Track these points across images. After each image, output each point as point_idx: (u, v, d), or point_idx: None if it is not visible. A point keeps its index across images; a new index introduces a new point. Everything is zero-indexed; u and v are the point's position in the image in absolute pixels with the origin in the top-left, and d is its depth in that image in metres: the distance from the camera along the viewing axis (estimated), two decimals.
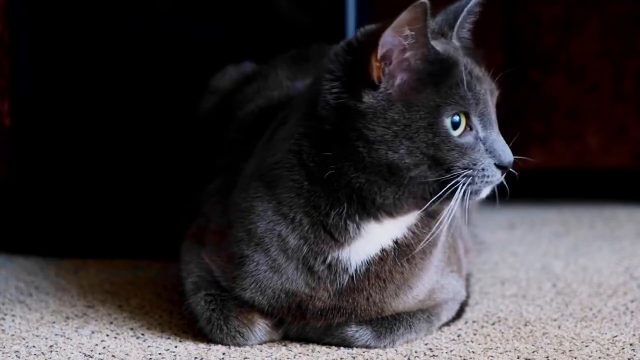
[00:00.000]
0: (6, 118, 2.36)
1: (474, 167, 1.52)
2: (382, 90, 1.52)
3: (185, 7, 2.34)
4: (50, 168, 2.38)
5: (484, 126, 1.55)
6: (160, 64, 2.34)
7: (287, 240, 1.59)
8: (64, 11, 2.33)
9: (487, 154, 1.54)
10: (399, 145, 1.50)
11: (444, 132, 1.51)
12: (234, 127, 1.91)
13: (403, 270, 1.62)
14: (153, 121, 2.35)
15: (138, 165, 2.37)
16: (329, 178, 1.55)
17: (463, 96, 1.52)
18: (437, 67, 1.53)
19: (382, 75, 1.51)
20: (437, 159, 1.51)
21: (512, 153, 1.55)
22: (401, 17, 1.48)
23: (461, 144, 1.52)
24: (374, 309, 1.63)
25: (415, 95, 1.52)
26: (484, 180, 1.53)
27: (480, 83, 1.55)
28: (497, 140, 1.55)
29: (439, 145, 1.50)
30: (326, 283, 1.60)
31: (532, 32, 2.89)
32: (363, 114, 1.52)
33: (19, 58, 2.35)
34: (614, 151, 2.94)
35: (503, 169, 1.55)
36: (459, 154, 1.52)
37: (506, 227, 2.73)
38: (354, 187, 1.54)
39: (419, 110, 1.51)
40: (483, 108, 1.55)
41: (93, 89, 2.35)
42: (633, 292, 2.03)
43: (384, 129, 1.51)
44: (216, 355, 1.63)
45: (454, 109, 1.51)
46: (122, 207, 2.38)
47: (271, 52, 2.15)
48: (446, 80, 1.52)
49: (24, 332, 1.77)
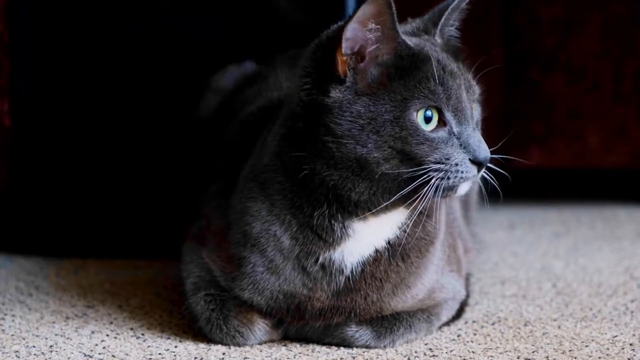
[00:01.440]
0: (6, 118, 2.36)
1: (447, 161, 1.51)
2: (349, 85, 1.53)
3: (185, 7, 2.34)
4: (50, 168, 2.38)
5: (458, 121, 1.54)
6: (160, 64, 2.34)
7: (282, 241, 1.60)
8: (64, 11, 2.33)
9: (461, 149, 1.53)
10: (366, 139, 1.51)
11: (411, 125, 1.51)
12: (235, 128, 1.92)
13: (399, 270, 1.62)
14: (153, 121, 2.35)
15: (138, 165, 2.37)
16: (304, 178, 1.56)
17: (433, 90, 1.52)
18: (406, 61, 1.53)
19: (347, 69, 1.52)
20: (406, 153, 1.51)
21: (489, 150, 1.54)
22: (361, 11, 1.49)
23: (432, 139, 1.52)
24: (372, 308, 1.63)
25: (382, 88, 1.52)
26: (458, 176, 1.52)
27: (454, 78, 1.55)
28: (472, 136, 1.54)
29: (406, 139, 1.51)
30: (322, 284, 1.60)
31: (532, 32, 2.89)
32: (330, 108, 1.53)
33: (19, 58, 2.35)
34: (614, 151, 2.94)
35: (479, 165, 1.53)
36: (430, 149, 1.51)
37: (506, 227, 2.73)
38: (329, 185, 1.55)
39: (385, 104, 1.52)
40: (456, 103, 1.54)
41: (93, 89, 2.35)
42: (633, 292, 2.03)
43: (350, 122, 1.52)
44: (216, 355, 1.63)
45: (421, 103, 1.51)
46: (122, 207, 2.38)
47: (271, 52, 2.16)
48: (415, 75, 1.53)
49: (24, 332, 1.77)
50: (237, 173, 1.72)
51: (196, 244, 1.78)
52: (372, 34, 1.51)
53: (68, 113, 2.36)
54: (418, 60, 1.53)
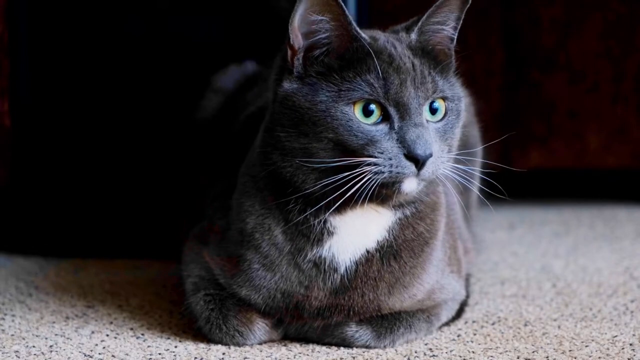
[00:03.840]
0: (6, 118, 2.36)
1: (381, 155, 1.51)
2: (296, 75, 1.55)
3: (185, 8, 2.34)
4: (50, 168, 2.38)
5: (401, 117, 1.53)
6: (161, 64, 2.34)
7: (275, 234, 1.61)
8: (64, 11, 2.33)
9: (397, 144, 1.52)
10: (306, 129, 1.52)
11: (344, 117, 1.51)
12: (236, 128, 1.92)
13: (393, 270, 1.62)
14: (153, 121, 2.35)
15: (138, 165, 2.37)
16: (273, 173, 1.58)
17: (371, 84, 1.52)
18: (352, 53, 1.54)
19: (295, 60, 1.55)
20: (340, 143, 1.51)
21: (431, 147, 1.51)
22: (303, 4, 1.51)
23: (368, 131, 1.51)
24: (370, 307, 1.63)
25: (323, 79, 1.53)
26: (393, 171, 1.51)
27: (399, 73, 1.53)
28: (410, 132, 1.52)
29: (338, 130, 1.51)
30: (318, 282, 1.60)
31: (532, 32, 2.89)
32: (281, 98, 1.56)
33: (19, 58, 2.35)
34: (614, 151, 2.94)
35: (415, 161, 1.51)
36: (365, 141, 1.51)
37: (506, 227, 2.73)
38: (286, 177, 1.56)
39: (323, 94, 1.53)
40: (398, 98, 1.53)
41: (93, 89, 2.35)
42: (633, 292, 2.03)
43: (293, 112, 1.54)
44: (216, 355, 1.63)
45: (357, 95, 1.52)
46: (122, 207, 2.38)
47: (272, 52, 2.15)
48: (357, 67, 1.53)
49: (24, 332, 1.77)
50: (238, 173, 1.72)
51: (197, 244, 1.78)
52: (320, 25, 1.52)
53: (68, 113, 2.36)
54: (364, 53, 1.53)
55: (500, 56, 2.87)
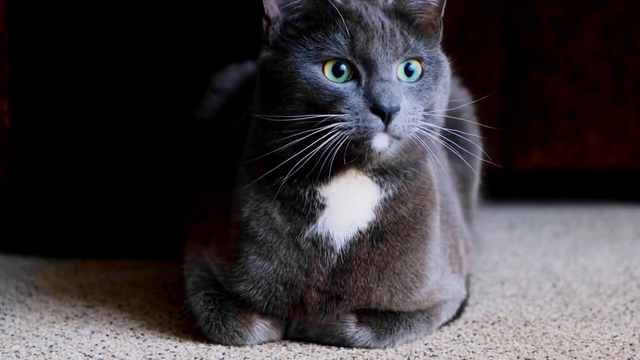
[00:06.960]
0: (6, 118, 2.36)
1: (347, 111, 1.51)
2: (271, 44, 1.58)
3: (185, 8, 2.34)
4: (50, 168, 2.38)
5: (368, 73, 1.53)
6: (161, 64, 2.34)
7: (274, 217, 1.61)
8: (64, 11, 2.33)
9: (364, 99, 1.52)
10: (280, 94, 1.54)
11: (313, 75, 1.53)
12: (237, 128, 1.92)
13: (381, 252, 1.62)
14: (153, 121, 2.35)
15: (138, 164, 2.37)
16: (262, 151, 1.59)
17: (338, 42, 1.53)
18: (319, 16, 1.55)
19: (270, 30, 1.58)
20: (310, 103, 1.53)
21: (394, 100, 1.50)
22: None
23: (335, 89, 1.53)
24: (363, 296, 1.63)
25: (294, 42, 1.56)
26: (360, 126, 1.50)
27: (366, 31, 1.54)
28: (376, 86, 1.52)
29: (306, 88, 1.53)
30: (317, 263, 1.60)
31: (532, 32, 2.89)
32: (259, 68, 1.59)
33: (19, 58, 2.35)
34: (614, 151, 2.94)
35: (381, 115, 1.50)
36: (332, 98, 1.52)
37: (506, 227, 2.73)
38: (268, 146, 1.57)
39: (291, 56, 1.55)
40: (364, 54, 1.53)
41: (93, 89, 2.35)
42: (633, 292, 2.03)
43: (268, 79, 1.57)
44: (216, 355, 1.63)
45: (324, 54, 1.53)
46: (122, 207, 2.38)
47: None
48: (325, 28, 1.55)
49: (24, 332, 1.77)
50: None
51: (199, 244, 1.78)
52: None
53: (68, 113, 2.36)
54: (332, 14, 1.55)
55: (500, 56, 2.87)
